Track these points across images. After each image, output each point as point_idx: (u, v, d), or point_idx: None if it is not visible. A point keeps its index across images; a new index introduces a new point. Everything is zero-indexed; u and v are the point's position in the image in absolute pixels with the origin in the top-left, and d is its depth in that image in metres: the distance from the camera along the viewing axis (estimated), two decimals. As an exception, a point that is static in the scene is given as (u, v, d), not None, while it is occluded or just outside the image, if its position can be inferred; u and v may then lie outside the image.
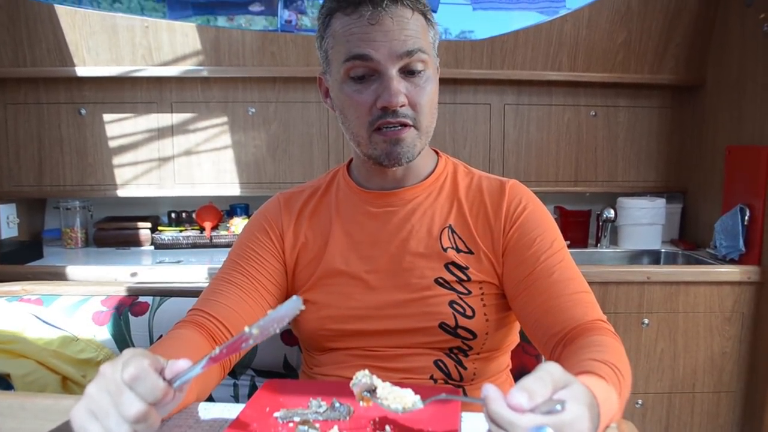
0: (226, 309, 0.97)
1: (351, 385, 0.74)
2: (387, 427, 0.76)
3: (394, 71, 0.94)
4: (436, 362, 1.01)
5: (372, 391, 0.74)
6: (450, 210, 1.05)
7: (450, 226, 1.03)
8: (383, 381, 0.74)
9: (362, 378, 0.74)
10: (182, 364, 0.63)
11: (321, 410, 0.79)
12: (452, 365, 1.01)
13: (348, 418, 0.79)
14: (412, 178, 1.06)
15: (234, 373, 1.34)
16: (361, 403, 0.74)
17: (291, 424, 0.77)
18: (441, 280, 1.00)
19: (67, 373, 1.29)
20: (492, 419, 0.57)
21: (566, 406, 0.56)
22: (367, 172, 1.07)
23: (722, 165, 2.31)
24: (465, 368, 1.01)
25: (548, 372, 0.59)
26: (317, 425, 0.75)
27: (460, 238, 1.03)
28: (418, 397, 0.73)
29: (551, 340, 0.92)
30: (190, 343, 0.89)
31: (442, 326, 0.99)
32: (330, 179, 1.13)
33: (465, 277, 1.00)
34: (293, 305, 0.65)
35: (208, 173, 2.48)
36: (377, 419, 0.78)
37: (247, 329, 0.64)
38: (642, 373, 2.13)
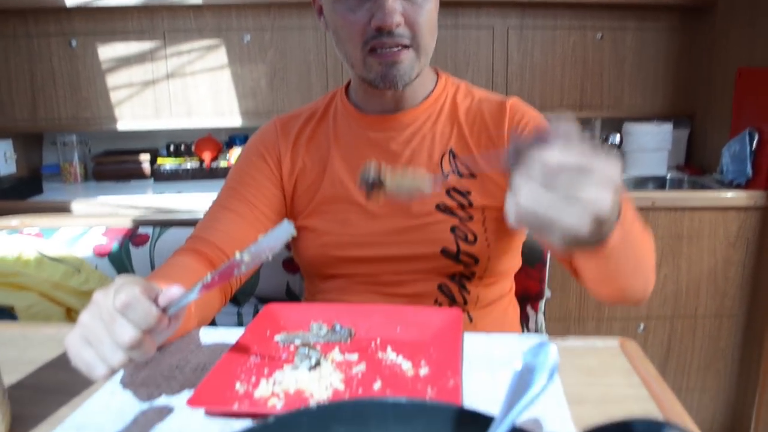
0: (224, 235, 0.96)
1: (358, 184, 0.75)
2: (388, 347, 0.75)
3: None
4: (439, 287, 1.00)
5: (380, 186, 0.73)
6: (450, 134, 1.02)
7: (451, 150, 1.00)
8: (391, 174, 0.74)
9: (366, 174, 0.74)
10: (175, 291, 0.62)
11: (322, 333, 0.79)
12: (456, 290, 1.00)
13: (349, 340, 0.78)
14: (411, 100, 1.02)
15: (237, 301, 1.35)
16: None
17: (292, 347, 0.76)
18: (442, 206, 0.98)
19: (71, 305, 1.30)
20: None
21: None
22: (364, 95, 1.03)
23: (732, 88, 2.24)
24: (468, 292, 1.01)
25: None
26: (318, 348, 0.75)
27: (461, 162, 1.00)
28: (428, 176, 0.74)
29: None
30: (187, 271, 0.88)
31: (444, 252, 0.98)
32: (328, 102, 1.09)
33: (467, 203, 0.98)
34: (284, 230, 0.64)
35: (204, 104, 2.43)
36: (378, 340, 0.78)
37: (238, 255, 0.64)
38: (644, 298, 2.14)
